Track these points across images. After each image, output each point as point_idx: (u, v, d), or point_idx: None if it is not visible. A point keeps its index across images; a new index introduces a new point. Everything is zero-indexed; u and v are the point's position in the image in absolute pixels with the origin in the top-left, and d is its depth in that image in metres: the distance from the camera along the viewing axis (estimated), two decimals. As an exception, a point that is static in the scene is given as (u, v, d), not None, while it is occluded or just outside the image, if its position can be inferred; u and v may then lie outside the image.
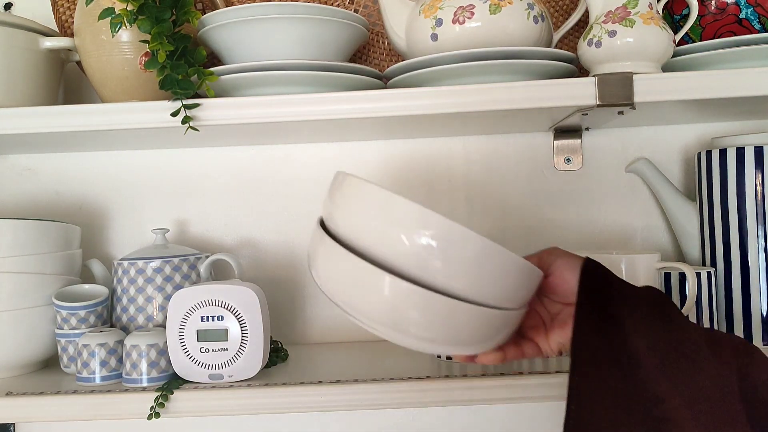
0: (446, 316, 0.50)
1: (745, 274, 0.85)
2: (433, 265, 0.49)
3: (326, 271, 0.53)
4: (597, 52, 0.75)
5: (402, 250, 0.49)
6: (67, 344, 0.84)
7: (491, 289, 0.50)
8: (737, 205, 0.85)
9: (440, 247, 0.49)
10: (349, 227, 0.52)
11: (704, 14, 0.82)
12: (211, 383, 0.79)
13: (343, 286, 0.52)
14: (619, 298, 0.55)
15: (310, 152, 1.01)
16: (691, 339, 0.54)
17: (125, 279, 0.86)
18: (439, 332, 0.51)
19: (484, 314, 0.50)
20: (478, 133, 0.99)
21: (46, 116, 0.77)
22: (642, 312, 0.54)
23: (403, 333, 0.51)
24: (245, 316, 0.78)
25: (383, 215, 0.50)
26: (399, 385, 0.77)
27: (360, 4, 0.94)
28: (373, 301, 0.50)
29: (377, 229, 0.50)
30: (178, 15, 0.74)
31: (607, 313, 0.53)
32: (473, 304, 0.50)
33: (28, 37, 0.82)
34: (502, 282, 0.51)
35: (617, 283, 0.57)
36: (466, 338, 0.51)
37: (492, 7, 0.75)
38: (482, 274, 0.50)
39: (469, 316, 0.50)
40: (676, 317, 0.55)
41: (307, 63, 0.76)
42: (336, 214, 0.54)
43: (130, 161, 1.01)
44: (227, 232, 1.02)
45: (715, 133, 0.98)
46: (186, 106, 0.74)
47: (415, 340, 0.51)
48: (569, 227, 1.00)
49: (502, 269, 0.50)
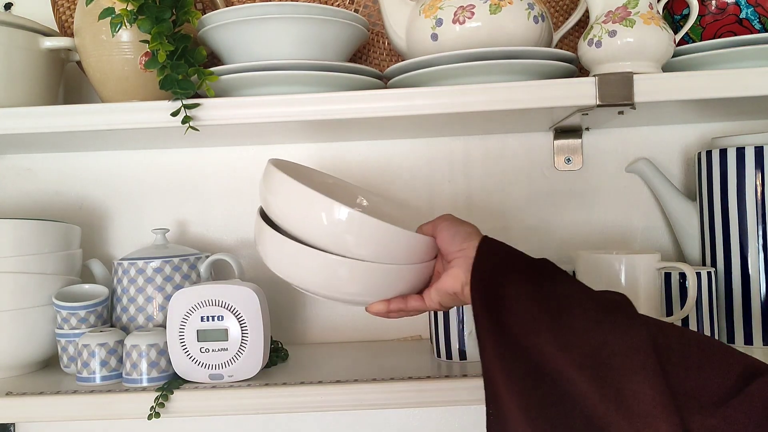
0: (360, 274, 0.66)
1: (745, 274, 0.85)
2: (344, 240, 0.65)
3: (266, 252, 0.69)
4: (597, 52, 0.75)
5: (320, 231, 0.65)
6: (67, 344, 0.84)
7: (387, 253, 0.66)
8: (737, 205, 0.85)
9: (346, 228, 0.65)
10: (278, 214, 0.68)
11: (704, 14, 0.82)
12: (211, 383, 0.79)
13: (281, 262, 0.68)
14: (505, 266, 0.64)
15: (310, 152, 1.01)
16: (574, 296, 0.60)
17: (125, 279, 0.86)
18: (358, 288, 0.67)
19: (383, 269, 0.66)
20: (478, 133, 0.99)
21: (46, 116, 0.77)
22: (526, 276, 0.63)
23: (333, 292, 0.68)
24: (245, 316, 0.78)
25: (304, 206, 0.65)
26: (399, 385, 0.77)
27: (360, 4, 0.94)
28: (305, 272, 0.67)
29: (301, 216, 0.66)
30: (178, 15, 0.74)
31: (496, 281, 0.63)
32: (375, 263, 0.66)
33: (28, 37, 0.82)
34: (393, 246, 0.66)
35: (506, 254, 0.66)
36: (378, 290, 0.68)
37: (492, 7, 0.75)
38: (379, 243, 0.66)
39: (372, 272, 0.66)
40: (561, 279, 0.63)
41: (307, 63, 0.76)
42: (269, 202, 0.69)
43: (130, 161, 1.01)
44: (227, 232, 1.02)
45: (715, 133, 0.98)
46: (186, 106, 0.74)
47: (342, 295, 0.68)
48: (569, 227, 1.00)
49: (392, 239, 0.66)
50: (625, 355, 0.55)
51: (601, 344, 0.56)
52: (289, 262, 0.67)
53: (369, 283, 0.67)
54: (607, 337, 0.56)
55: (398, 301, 0.70)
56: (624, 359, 0.55)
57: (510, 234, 1.00)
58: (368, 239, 0.65)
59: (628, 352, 0.55)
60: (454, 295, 0.68)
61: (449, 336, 0.85)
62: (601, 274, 0.82)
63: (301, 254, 0.66)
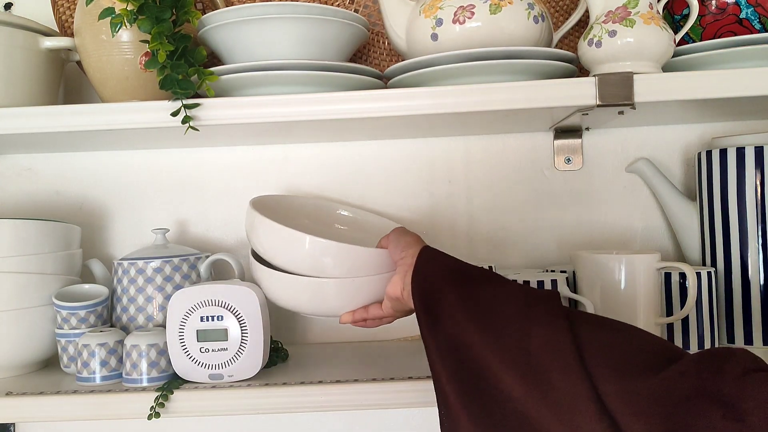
0: (336, 290, 0.75)
1: (745, 274, 0.85)
2: (322, 264, 0.75)
3: (260, 283, 0.81)
4: (597, 52, 0.75)
5: (300, 260, 0.75)
6: (67, 344, 0.84)
7: (350, 269, 0.75)
8: (737, 204, 0.85)
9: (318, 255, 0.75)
10: (263, 252, 0.78)
11: (704, 14, 0.82)
12: (211, 383, 0.79)
13: (273, 291, 0.79)
14: (441, 272, 0.68)
15: (310, 152, 1.01)
16: (500, 296, 0.63)
17: (125, 279, 0.86)
18: (337, 302, 0.76)
19: (348, 283, 0.76)
20: (478, 133, 0.99)
21: (46, 116, 0.77)
22: (460, 280, 0.67)
23: (318, 309, 0.77)
24: (245, 316, 0.78)
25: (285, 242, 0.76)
26: (399, 385, 0.77)
27: (360, 4, 0.94)
28: (293, 296, 0.77)
29: (282, 251, 0.76)
30: (178, 15, 0.74)
31: (433, 286, 0.67)
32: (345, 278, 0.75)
33: (28, 37, 0.82)
34: (358, 263, 0.75)
35: (443, 262, 0.70)
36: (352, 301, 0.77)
37: (492, 7, 0.75)
38: (345, 263, 0.75)
39: (344, 286, 0.76)
40: (492, 281, 0.66)
41: (307, 63, 0.76)
42: (254, 242, 0.79)
43: (130, 161, 1.01)
44: (227, 232, 1.02)
45: (716, 133, 0.98)
46: (186, 106, 0.74)
47: (325, 311, 0.78)
48: (569, 227, 1.00)
49: (355, 258, 0.75)
50: (547, 349, 0.57)
51: (524, 339, 0.59)
52: (279, 289, 0.78)
53: (344, 297, 0.76)
54: (531, 332, 0.59)
55: (361, 311, 0.77)
56: (546, 353, 0.57)
57: (510, 234, 1.00)
58: (340, 260, 0.75)
59: (549, 345, 0.57)
60: (396, 299, 0.73)
61: (449, 336, 0.85)
62: (601, 274, 0.82)
63: (288, 282, 0.76)
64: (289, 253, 0.76)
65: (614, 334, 0.59)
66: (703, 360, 0.53)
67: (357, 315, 0.78)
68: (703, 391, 0.50)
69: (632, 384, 0.53)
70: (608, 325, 0.60)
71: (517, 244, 1.00)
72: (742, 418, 0.48)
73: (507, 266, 1.00)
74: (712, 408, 0.49)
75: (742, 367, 0.51)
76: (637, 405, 0.52)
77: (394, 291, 0.72)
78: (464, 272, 0.68)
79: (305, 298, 0.77)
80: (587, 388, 0.54)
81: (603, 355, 0.56)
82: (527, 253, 1.00)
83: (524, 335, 0.59)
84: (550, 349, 0.57)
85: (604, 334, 0.58)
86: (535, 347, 0.58)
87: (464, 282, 0.66)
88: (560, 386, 0.55)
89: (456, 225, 1.01)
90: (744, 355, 0.52)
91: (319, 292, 0.76)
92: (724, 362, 0.51)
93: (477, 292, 0.65)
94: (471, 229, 1.00)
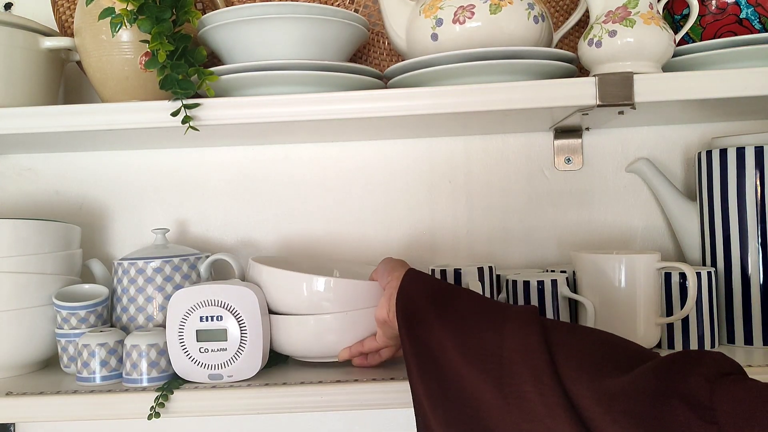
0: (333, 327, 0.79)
1: (745, 274, 0.85)
2: (321, 301, 0.79)
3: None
4: (597, 52, 0.75)
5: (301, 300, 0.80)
6: (67, 344, 0.84)
7: (348, 302, 0.79)
8: (737, 205, 0.85)
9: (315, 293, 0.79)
10: (268, 299, 0.82)
11: (704, 14, 0.82)
12: (210, 383, 0.79)
13: (278, 338, 0.82)
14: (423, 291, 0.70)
15: (310, 152, 1.01)
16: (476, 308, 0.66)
17: (125, 279, 0.86)
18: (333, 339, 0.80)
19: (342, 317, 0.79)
20: (478, 133, 0.99)
21: (46, 116, 0.77)
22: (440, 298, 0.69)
23: (316, 348, 0.81)
24: (244, 316, 0.78)
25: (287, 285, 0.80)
26: (399, 385, 0.76)
27: (360, 4, 0.94)
28: (296, 338, 0.81)
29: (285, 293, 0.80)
30: (178, 15, 0.74)
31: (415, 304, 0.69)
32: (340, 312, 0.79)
33: (28, 37, 0.82)
34: (354, 296, 0.79)
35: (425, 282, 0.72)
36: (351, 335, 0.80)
37: (492, 7, 0.75)
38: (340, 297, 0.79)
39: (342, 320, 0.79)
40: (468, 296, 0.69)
41: (307, 63, 0.76)
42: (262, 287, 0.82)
43: (130, 161, 1.01)
44: (227, 232, 1.02)
45: (716, 133, 0.98)
46: (186, 106, 0.74)
47: (324, 348, 0.81)
48: (569, 227, 1.00)
49: (353, 292, 0.79)
50: (520, 355, 0.59)
51: (497, 346, 0.60)
52: (282, 332, 0.80)
53: (340, 332, 0.79)
54: (504, 342, 0.60)
55: (357, 345, 0.80)
56: (518, 359, 0.58)
57: (510, 234, 1.00)
58: (335, 295, 0.79)
59: (521, 351, 0.59)
60: (384, 323, 0.74)
61: (449, 336, 0.85)
62: (601, 274, 0.82)
63: (291, 323, 0.79)
64: (289, 294, 0.80)
65: (586, 337, 0.60)
66: (676, 361, 0.53)
67: (354, 349, 0.80)
68: (674, 391, 0.50)
69: (604, 383, 0.54)
70: (580, 331, 0.61)
71: (517, 244, 1.00)
72: (716, 420, 0.48)
73: (507, 266, 1.00)
74: (684, 408, 0.49)
75: (715, 370, 0.51)
76: (609, 404, 0.53)
77: (381, 314, 0.74)
78: (445, 289, 0.71)
79: (304, 337, 0.80)
80: (559, 394, 0.55)
81: (575, 357, 0.57)
82: (527, 253, 1.00)
83: (498, 344, 0.60)
84: (522, 356, 0.58)
85: (576, 338, 0.59)
86: (508, 353, 0.59)
87: (444, 296, 0.69)
88: (531, 391, 0.56)
89: (456, 225, 1.01)
90: (719, 358, 0.52)
91: (317, 329, 0.79)
92: (696, 364, 0.52)
93: (455, 304, 0.67)
94: (471, 229, 1.00)
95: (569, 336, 0.60)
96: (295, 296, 0.79)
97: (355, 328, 0.79)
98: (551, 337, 0.59)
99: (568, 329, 0.61)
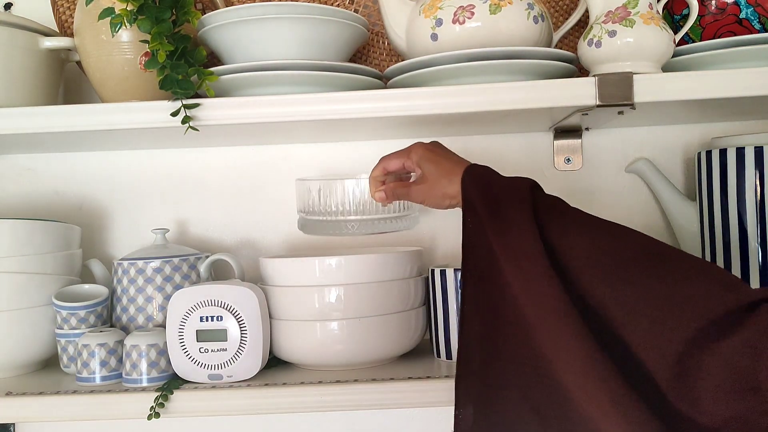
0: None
1: (745, 274, 0.85)
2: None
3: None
4: (597, 52, 0.75)
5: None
6: (67, 344, 0.84)
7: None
8: (737, 205, 0.85)
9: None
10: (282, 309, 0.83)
11: (704, 14, 0.82)
12: (210, 383, 0.79)
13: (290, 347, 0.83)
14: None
15: (310, 152, 1.01)
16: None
17: (125, 279, 0.86)
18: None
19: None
20: (478, 133, 0.99)
21: (46, 116, 0.77)
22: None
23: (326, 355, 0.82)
24: (244, 317, 0.78)
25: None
26: (399, 385, 0.77)
27: (360, 4, 0.94)
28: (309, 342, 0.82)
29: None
30: (178, 15, 0.74)
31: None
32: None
33: (28, 37, 0.82)
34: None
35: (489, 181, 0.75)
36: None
37: (492, 7, 0.75)
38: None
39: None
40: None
41: (307, 63, 0.76)
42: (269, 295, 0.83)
43: (130, 161, 1.01)
44: (227, 232, 1.02)
45: (715, 133, 0.98)
46: (186, 106, 0.74)
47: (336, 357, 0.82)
48: (569, 227, 1.00)
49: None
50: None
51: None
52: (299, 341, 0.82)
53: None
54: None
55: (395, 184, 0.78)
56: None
57: (510, 234, 1.00)
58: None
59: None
60: (449, 196, 0.76)
61: (449, 336, 0.85)
62: (601, 274, 0.82)
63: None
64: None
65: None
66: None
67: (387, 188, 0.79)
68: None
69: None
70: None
71: (517, 244, 1.00)
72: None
73: (507, 266, 1.00)
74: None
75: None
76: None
77: (454, 189, 0.75)
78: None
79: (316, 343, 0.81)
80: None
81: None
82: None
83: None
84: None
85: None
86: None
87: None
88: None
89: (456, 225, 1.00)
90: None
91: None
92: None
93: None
94: (471, 229, 1.00)
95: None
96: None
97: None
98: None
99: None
